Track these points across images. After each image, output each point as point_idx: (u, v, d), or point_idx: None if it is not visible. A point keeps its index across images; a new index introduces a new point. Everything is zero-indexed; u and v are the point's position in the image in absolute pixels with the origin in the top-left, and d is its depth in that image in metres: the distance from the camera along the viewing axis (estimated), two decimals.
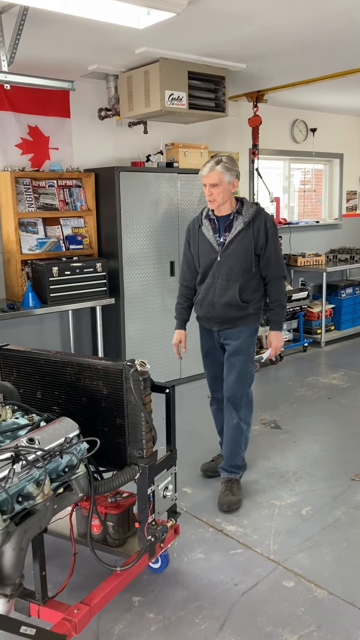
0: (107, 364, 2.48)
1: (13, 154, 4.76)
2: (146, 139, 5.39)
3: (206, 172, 3.12)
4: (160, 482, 2.55)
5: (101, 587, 2.30)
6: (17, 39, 3.27)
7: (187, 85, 4.53)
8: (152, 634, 2.35)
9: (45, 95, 4.82)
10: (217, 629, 2.37)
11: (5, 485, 1.84)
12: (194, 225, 3.36)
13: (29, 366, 2.71)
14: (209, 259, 3.24)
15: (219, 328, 3.30)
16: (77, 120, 5.08)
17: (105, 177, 4.91)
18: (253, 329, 3.32)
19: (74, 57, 4.26)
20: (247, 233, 3.16)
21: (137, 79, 4.58)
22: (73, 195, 5.02)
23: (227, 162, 3.11)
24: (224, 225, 3.22)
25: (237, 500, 3.27)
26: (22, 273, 4.71)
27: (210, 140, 5.91)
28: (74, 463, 2.17)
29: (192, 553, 2.88)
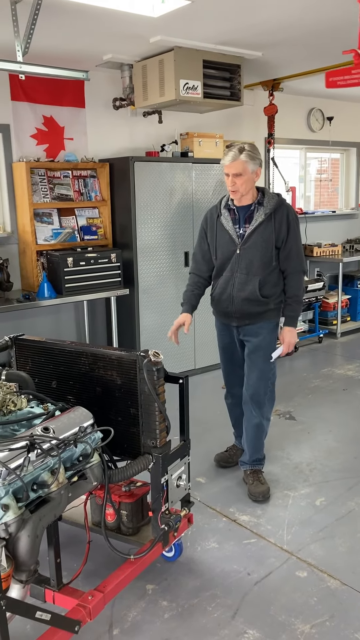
0: (121, 354, 2.49)
1: (28, 145, 4.77)
2: (161, 129, 5.37)
3: (229, 161, 2.97)
4: (173, 471, 2.56)
5: (115, 575, 2.32)
6: (31, 29, 3.27)
7: (202, 74, 4.50)
8: (165, 621, 2.37)
9: (60, 86, 4.81)
10: (230, 617, 2.38)
11: (20, 474, 1.86)
12: (211, 215, 3.24)
13: (44, 356, 2.73)
14: (227, 251, 3.13)
15: (238, 324, 3.21)
16: (92, 110, 5.08)
17: (120, 167, 4.90)
18: (273, 325, 3.23)
19: (88, 47, 4.24)
20: (269, 225, 3.05)
21: (151, 68, 4.56)
22: (88, 185, 5.03)
23: (250, 150, 2.98)
24: (244, 216, 3.10)
25: (267, 489, 3.28)
26: (38, 263, 4.73)
27: (226, 130, 5.87)
28: (88, 452, 2.19)
29: (206, 542, 2.89)
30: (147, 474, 2.50)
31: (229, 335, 3.33)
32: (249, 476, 3.35)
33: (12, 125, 4.66)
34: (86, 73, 3.81)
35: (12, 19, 3.23)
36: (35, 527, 1.88)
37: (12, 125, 4.66)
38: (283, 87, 5.87)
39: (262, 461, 3.40)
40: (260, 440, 3.34)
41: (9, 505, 1.81)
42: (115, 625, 2.36)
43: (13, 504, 1.83)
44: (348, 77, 3.51)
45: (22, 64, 3.41)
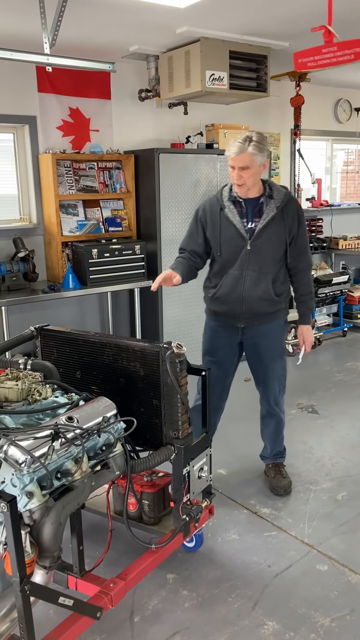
0: (145, 346, 2.51)
1: (54, 136, 4.80)
2: (186, 120, 5.36)
3: (235, 154, 2.77)
4: (195, 462, 2.58)
5: (137, 563, 2.35)
6: (59, 21, 3.28)
7: (228, 65, 4.47)
8: (185, 610, 2.40)
9: (86, 77, 4.83)
10: (250, 608, 2.40)
11: (44, 462, 1.89)
12: (212, 208, 2.98)
13: (69, 346, 2.76)
14: (235, 247, 2.93)
15: (246, 324, 3.05)
16: (118, 101, 5.08)
17: (145, 158, 4.90)
18: (283, 323, 3.15)
19: (115, 38, 4.25)
20: (281, 219, 2.90)
21: (177, 59, 4.54)
22: (113, 177, 5.04)
23: (258, 140, 2.77)
24: (253, 210, 2.91)
25: (289, 483, 3.28)
26: (63, 255, 4.77)
27: (251, 121, 5.83)
28: (111, 442, 2.22)
29: (226, 534, 2.91)
30: (168, 465, 2.51)
31: (227, 337, 3.12)
32: (270, 469, 3.35)
33: (39, 117, 4.70)
34: (112, 64, 3.82)
35: (40, 11, 3.25)
36: (59, 515, 1.91)
37: (38, 117, 4.70)
38: (310, 78, 5.80)
39: (283, 454, 3.40)
40: (280, 434, 3.35)
41: (33, 493, 1.85)
42: (136, 612, 2.40)
43: (37, 492, 1.86)
44: (318, 57, 3.13)
45: (49, 56, 3.43)
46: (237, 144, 2.77)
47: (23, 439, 1.90)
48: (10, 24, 3.77)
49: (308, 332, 3.15)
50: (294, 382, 5.02)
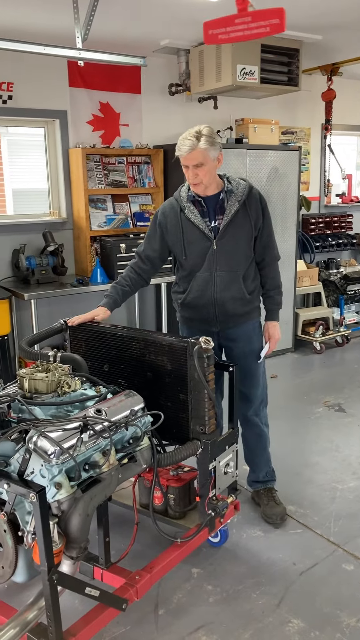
0: (172, 341, 2.51)
1: (84, 131, 4.83)
2: (216, 115, 5.33)
3: (187, 152, 2.58)
4: (221, 458, 2.57)
5: (162, 557, 2.36)
6: (91, 14, 3.29)
7: (259, 59, 4.44)
8: (210, 605, 2.40)
9: (116, 72, 4.84)
10: (275, 605, 2.39)
11: (73, 453, 1.91)
12: (172, 210, 2.79)
13: (97, 340, 2.78)
14: (200, 248, 2.75)
15: (221, 328, 2.87)
16: (148, 96, 5.08)
17: (174, 153, 4.88)
18: (258, 324, 2.95)
19: (146, 33, 4.24)
20: (244, 213, 2.73)
21: (208, 53, 4.52)
22: (142, 172, 5.05)
23: (208, 134, 2.58)
24: (214, 208, 2.74)
25: (284, 509, 3.00)
26: (91, 249, 4.80)
27: (281, 116, 5.78)
28: (139, 435, 2.23)
29: (251, 530, 2.90)
30: (194, 459, 2.51)
31: None
32: (262, 496, 3.05)
33: (69, 111, 4.73)
34: (143, 59, 3.82)
35: (73, 6, 3.26)
36: (87, 506, 1.93)
37: (69, 112, 4.73)
38: (342, 72, 5.72)
39: (273, 476, 3.11)
40: (265, 450, 3.07)
41: (61, 484, 1.86)
42: (161, 605, 2.41)
43: (66, 483, 1.88)
44: (230, 28, 2.70)
45: (81, 51, 3.44)
46: (187, 141, 2.58)
47: (52, 431, 1.92)
48: (42, 19, 3.80)
49: (274, 329, 2.93)
50: (320, 380, 4.99)
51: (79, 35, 3.41)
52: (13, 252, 4.60)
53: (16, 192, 6.58)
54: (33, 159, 4.97)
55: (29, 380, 2.19)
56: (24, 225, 4.70)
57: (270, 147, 5.17)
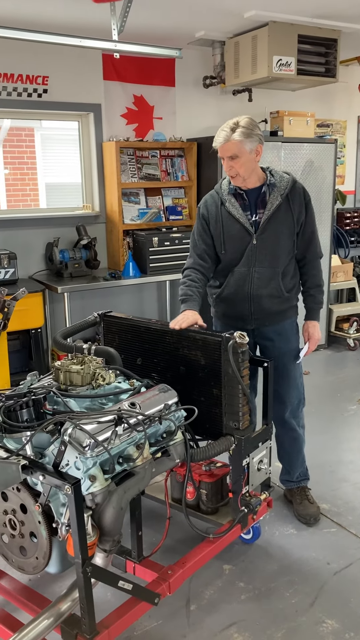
0: (206, 335, 2.48)
1: (118, 124, 4.82)
2: (250, 107, 5.26)
3: (221, 143, 2.55)
4: (255, 455, 2.54)
5: (194, 552, 2.35)
6: (128, 7, 3.27)
7: (296, 50, 4.36)
8: (242, 602, 2.38)
9: (151, 64, 4.82)
10: (308, 605, 2.35)
11: (107, 446, 1.91)
12: (213, 203, 2.74)
13: (131, 333, 2.77)
14: (240, 243, 2.69)
15: (256, 325, 2.81)
16: (182, 88, 5.05)
17: (207, 146, 4.81)
18: (295, 322, 2.89)
19: (181, 24, 4.21)
20: (287, 208, 2.67)
21: (244, 45, 4.46)
22: (175, 165, 5.03)
23: (245, 126, 2.52)
24: (255, 201, 2.68)
25: (318, 509, 2.95)
26: (124, 243, 4.80)
27: (317, 108, 5.67)
28: (172, 429, 2.21)
29: (284, 528, 2.86)
30: (227, 455, 2.49)
31: None
32: (295, 495, 3.00)
33: (104, 104, 4.72)
34: (179, 51, 3.79)
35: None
36: (120, 499, 1.93)
37: (103, 105, 4.72)
38: None
39: (307, 475, 3.05)
40: (301, 453, 3.00)
41: (96, 477, 1.86)
42: (193, 601, 2.39)
43: (100, 476, 1.88)
44: None
45: (117, 43, 3.43)
46: (222, 132, 2.55)
47: (87, 423, 1.92)
48: (78, 12, 3.80)
49: (315, 329, 2.85)
50: (354, 377, 4.91)
51: (115, 27, 3.40)
52: (47, 246, 4.63)
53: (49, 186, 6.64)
54: (66, 153, 5.00)
55: (64, 372, 2.20)
56: (58, 219, 4.73)
57: (305, 140, 5.08)
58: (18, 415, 1.97)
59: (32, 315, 4.16)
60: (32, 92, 4.41)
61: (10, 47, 4.18)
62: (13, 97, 4.35)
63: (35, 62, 4.37)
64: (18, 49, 4.21)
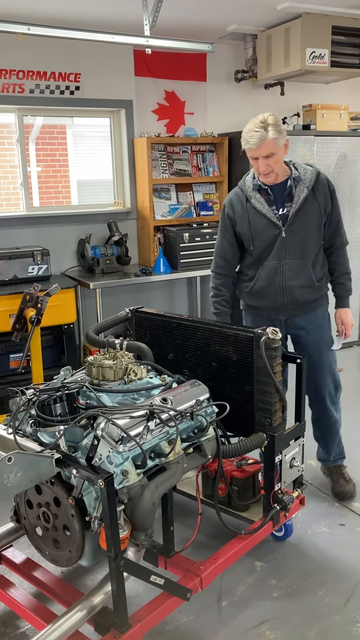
0: (238, 331, 2.47)
1: (149, 120, 4.82)
2: (282, 101, 5.21)
3: (257, 144, 2.56)
4: (287, 452, 2.52)
5: (226, 549, 2.34)
6: (160, 2, 3.26)
7: (329, 42, 4.30)
8: (274, 599, 2.36)
9: (182, 60, 4.80)
10: (342, 604, 2.32)
11: (140, 441, 1.91)
12: (238, 201, 2.80)
13: (162, 329, 2.77)
14: (268, 237, 2.75)
15: (288, 316, 2.87)
16: (213, 83, 5.02)
17: (239, 141, 4.76)
18: (326, 311, 2.95)
19: (213, 18, 4.18)
20: (314, 200, 2.72)
21: (276, 38, 4.41)
22: (206, 160, 5.01)
23: (274, 123, 2.56)
24: (282, 195, 2.73)
25: (354, 486, 3.06)
26: (155, 239, 4.81)
27: (351, 100, 5.57)
28: (204, 425, 2.21)
29: (317, 526, 2.83)
30: (258, 452, 2.47)
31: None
32: (332, 472, 3.11)
33: (135, 101, 4.73)
34: (211, 45, 3.76)
35: None
36: (152, 494, 1.93)
37: (134, 101, 4.73)
38: None
39: (343, 453, 3.15)
40: (337, 435, 3.09)
41: (128, 471, 1.87)
42: (224, 597, 2.39)
43: (132, 470, 1.89)
44: None
45: (149, 38, 3.43)
46: (255, 133, 2.56)
47: (120, 418, 1.92)
48: (109, 9, 3.81)
49: (347, 315, 2.91)
50: None
51: (147, 23, 3.39)
52: (79, 242, 4.67)
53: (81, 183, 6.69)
54: (97, 150, 5.02)
55: (97, 367, 2.21)
56: (89, 216, 4.76)
57: (338, 133, 5.01)
58: (52, 409, 1.99)
59: (65, 311, 4.19)
60: (65, 90, 4.45)
61: (42, 45, 4.22)
62: (46, 95, 4.39)
63: (67, 60, 4.40)
64: (50, 46, 4.24)
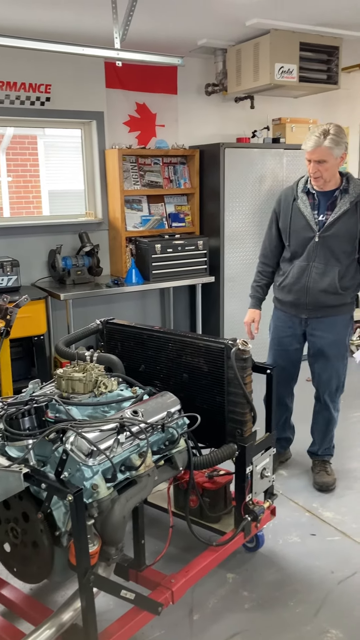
0: (209, 342, 2.48)
1: (121, 132, 4.83)
2: (252, 114, 5.28)
3: (312, 147, 2.77)
4: (258, 462, 2.53)
5: (197, 561, 2.33)
6: (130, 15, 3.28)
7: (298, 57, 4.36)
8: (245, 612, 2.36)
9: (153, 72, 4.84)
10: (312, 614, 2.33)
11: (110, 455, 1.90)
12: (286, 198, 3.05)
13: (133, 340, 2.77)
14: (302, 238, 2.96)
15: (309, 315, 3.07)
16: (184, 96, 5.07)
17: (210, 153, 4.87)
18: (348, 319, 3.10)
19: (184, 32, 4.22)
20: (354, 214, 2.88)
21: (246, 52, 4.48)
22: (177, 172, 5.03)
23: (335, 133, 2.76)
24: (326, 203, 2.92)
25: (333, 481, 3.25)
26: (126, 250, 4.81)
27: (319, 115, 5.68)
28: (175, 437, 2.21)
29: (288, 536, 2.84)
30: (230, 463, 2.48)
31: (291, 327, 3.15)
32: (316, 465, 3.34)
33: (106, 112, 4.74)
34: (181, 59, 3.78)
35: (112, 6, 3.26)
36: (123, 508, 1.92)
37: (105, 113, 4.74)
38: None
39: (331, 451, 3.37)
40: (332, 432, 3.32)
41: (98, 485, 1.86)
42: (196, 610, 2.37)
43: (102, 484, 1.87)
44: None
45: (119, 51, 3.44)
46: (313, 137, 2.77)
47: (89, 431, 1.91)
48: (80, 21, 3.82)
49: None
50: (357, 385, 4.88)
51: (117, 36, 3.41)
52: (49, 253, 4.64)
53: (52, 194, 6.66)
54: (69, 161, 5.01)
55: (67, 380, 2.19)
56: (60, 226, 4.74)
57: None
58: (20, 423, 1.96)
59: (35, 322, 4.15)
60: (35, 101, 4.43)
61: (12, 56, 4.20)
62: (16, 106, 4.37)
63: (38, 71, 4.39)
64: (20, 57, 4.23)
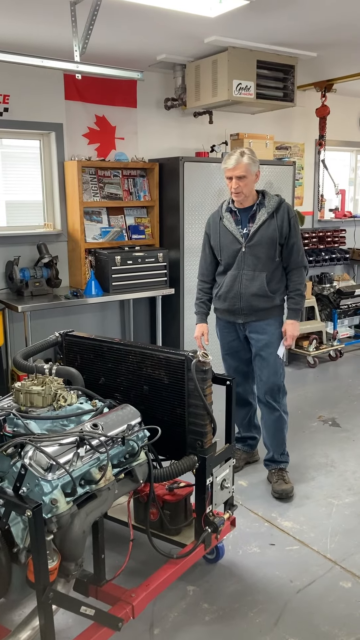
0: (170, 354, 2.49)
1: (80, 144, 4.83)
2: (211, 129, 5.36)
3: (232, 165, 3.09)
4: (218, 473, 2.54)
5: (158, 574, 2.32)
6: (89, 29, 3.30)
7: (255, 75, 4.47)
8: (206, 624, 2.36)
9: (113, 86, 4.86)
10: (272, 624, 2.35)
11: (69, 469, 1.88)
12: (214, 219, 3.36)
13: (93, 353, 2.75)
14: (232, 250, 3.24)
15: (245, 320, 3.30)
16: (143, 110, 5.11)
17: (170, 167, 4.91)
18: (280, 320, 3.33)
19: (143, 47, 4.27)
20: (272, 223, 3.18)
21: (205, 69, 4.55)
22: (137, 185, 5.05)
23: (250, 153, 3.12)
24: (247, 217, 3.23)
25: (291, 488, 3.32)
26: (86, 261, 4.78)
27: (276, 131, 5.82)
28: (135, 450, 2.20)
29: (247, 547, 2.86)
30: (190, 475, 2.48)
31: (233, 332, 3.41)
32: (273, 475, 3.41)
33: (65, 124, 4.73)
34: (141, 73, 3.83)
35: (72, 20, 3.28)
36: (82, 522, 1.90)
37: (65, 125, 4.73)
38: (336, 89, 5.77)
39: (286, 458, 3.45)
40: (282, 433, 3.42)
41: (57, 500, 1.83)
42: (156, 624, 2.36)
43: (62, 499, 1.85)
44: None
45: (79, 64, 3.45)
46: (233, 156, 3.10)
47: (48, 445, 1.89)
48: (40, 33, 3.82)
49: (291, 326, 3.28)
50: (315, 394, 4.98)
51: (77, 49, 3.42)
52: (7, 264, 4.57)
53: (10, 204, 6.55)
54: (27, 171, 4.95)
55: (25, 393, 2.16)
56: (18, 237, 4.68)
57: (265, 161, 5.18)
58: None
59: None
60: None
61: None
62: None
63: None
64: None
